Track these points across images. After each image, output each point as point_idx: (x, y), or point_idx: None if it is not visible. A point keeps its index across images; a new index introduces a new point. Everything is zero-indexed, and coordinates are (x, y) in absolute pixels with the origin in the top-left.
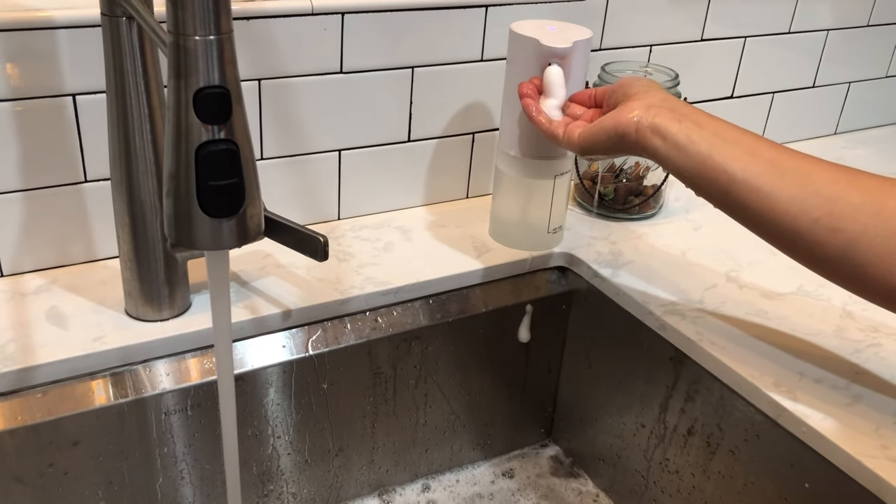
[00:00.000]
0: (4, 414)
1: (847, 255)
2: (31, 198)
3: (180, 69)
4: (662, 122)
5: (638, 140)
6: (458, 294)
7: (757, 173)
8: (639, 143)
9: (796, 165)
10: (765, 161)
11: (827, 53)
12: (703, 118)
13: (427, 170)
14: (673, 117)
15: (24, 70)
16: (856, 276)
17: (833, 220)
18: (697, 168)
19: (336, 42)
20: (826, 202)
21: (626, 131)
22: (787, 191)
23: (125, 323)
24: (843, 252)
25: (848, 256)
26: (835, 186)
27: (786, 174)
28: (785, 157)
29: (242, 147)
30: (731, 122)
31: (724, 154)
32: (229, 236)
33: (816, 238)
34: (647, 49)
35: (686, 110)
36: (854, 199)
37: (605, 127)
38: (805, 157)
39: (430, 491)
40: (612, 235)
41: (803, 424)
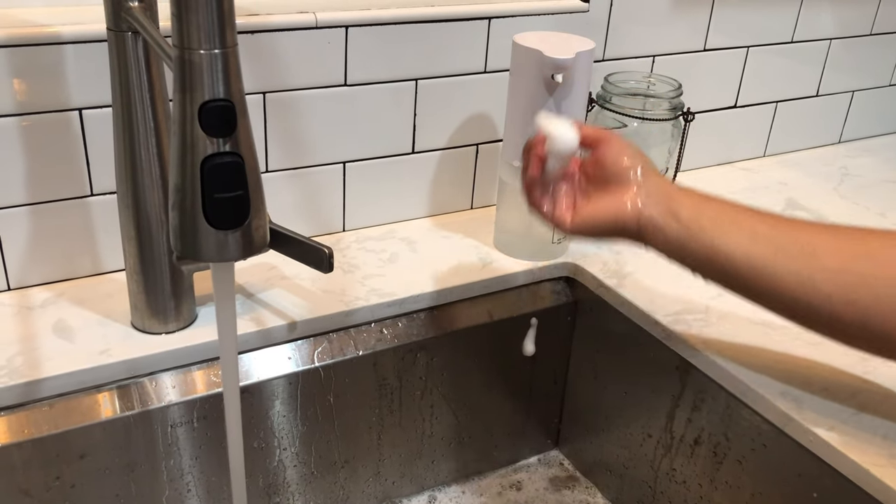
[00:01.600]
0: (11, 427)
1: (865, 325)
2: (38, 212)
3: (185, 83)
4: (662, 219)
5: (639, 234)
6: (463, 305)
7: (761, 257)
8: (640, 237)
9: (798, 241)
10: (766, 242)
11: (830, 62)
12: (699, 202)
13: (431, 181)
14: (671, 210)
15: (30, 85)
16: (877, 342)
17: (845, 293)
18: (701, 260)
19: (340, 55)
20: (835, 276)
21: (626, 226)
22: (793, 272)
23: (131, 336)
24: (860, 322)
25: (866, 326)
26: (840, 257)
27: (789, 254)
28: (786, 234)
29: (248, 159)
30: (725, 199)
31: (726, 240)
32: (235, 248)
33: (832, 312)
34: (650, 59)
35: (681, 196)
36: (862, 268)
37: (602, 219)
38: (806, 226)
39: (436, 502)
40: (616, 246)
41: (811, 433)
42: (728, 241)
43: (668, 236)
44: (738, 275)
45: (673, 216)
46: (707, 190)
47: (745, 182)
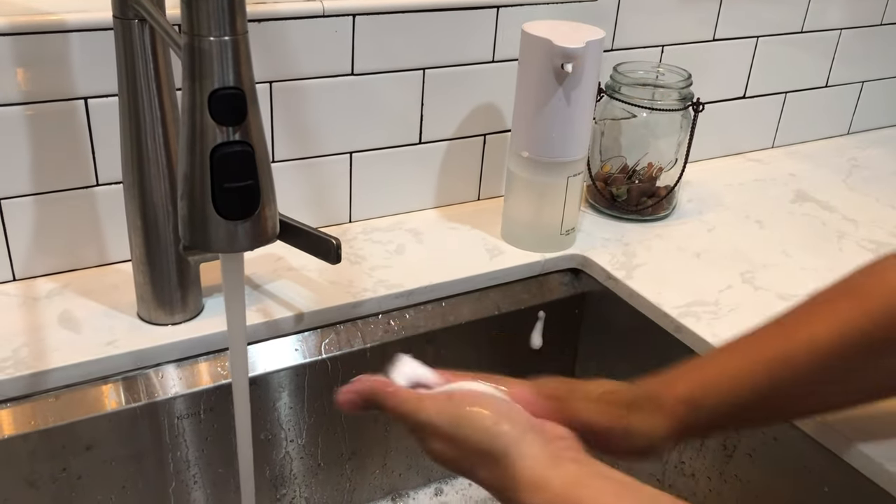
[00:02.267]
0: (18, 418)
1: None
2: (43, 202)
3: (195, 70)
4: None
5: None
6: (470, 297)
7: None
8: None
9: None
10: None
11: (840, 53)
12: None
13: (438, 172)
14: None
15: (36, 74)
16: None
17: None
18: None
19: (347, 44)
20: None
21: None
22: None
23: (137, 327)
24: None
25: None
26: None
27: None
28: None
29: (257, 148)
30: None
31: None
32: (244, 238)
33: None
34: (658, 49)
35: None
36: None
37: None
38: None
39: (442, 495)
40: (625, 237)
41: (822, 427)
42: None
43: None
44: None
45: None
46: (715, 183)
47: (753, 174)
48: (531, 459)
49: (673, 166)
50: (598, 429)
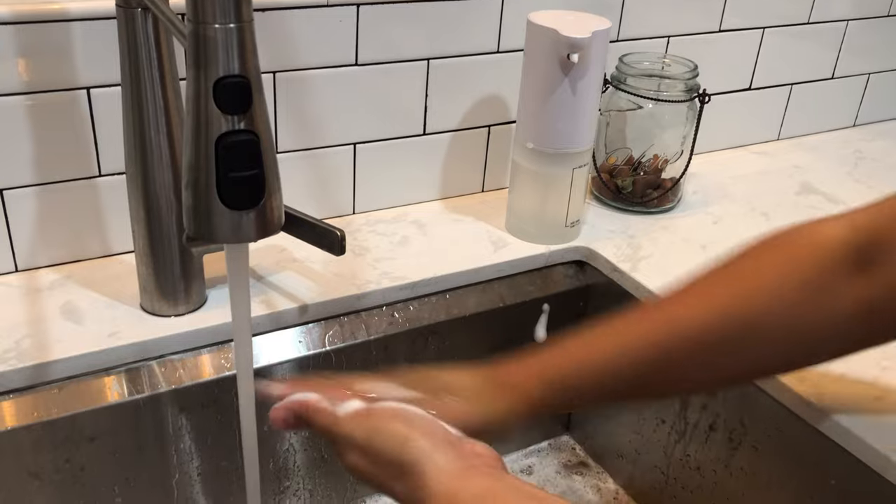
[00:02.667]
0: (21, 410)
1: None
2: (46, 192)
3: (200, 58)
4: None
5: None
6: (474, 289)
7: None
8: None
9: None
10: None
11: (846, 44)
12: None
13: (442, 163)
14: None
15: (38, 63)
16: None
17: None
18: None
19: (351, 34)
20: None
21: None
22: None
23: (140, 318)
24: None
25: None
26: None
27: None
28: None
29: (263, 138)
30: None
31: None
32: (250, 229)
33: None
34: (664, 40)
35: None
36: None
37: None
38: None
39: None
40: (630, 229)
41: (829, 419)
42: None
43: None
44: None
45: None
46: (721, 174)
47: (759, 166)
48: (443, 472)
49: (678, 158)
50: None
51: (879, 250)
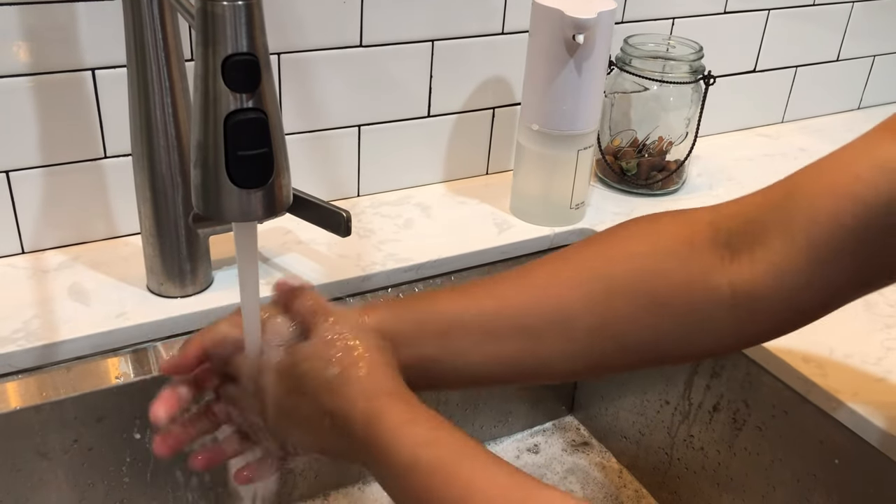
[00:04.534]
0: (29, 390)
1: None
2: (51, 174)
3: (208, 36)
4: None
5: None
6: (479, 271)
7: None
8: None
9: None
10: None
11: (851, 26)
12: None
13: (447, 145)
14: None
15: (42, 45)
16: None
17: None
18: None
19: (356, 15)
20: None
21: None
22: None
23: (147, 299)
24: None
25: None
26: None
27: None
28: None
29: (271, 116)
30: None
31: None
32: (258, 207)
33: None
34: (669, 22)
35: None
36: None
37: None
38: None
39: None
40: (634, 211)
41: (833, 400)
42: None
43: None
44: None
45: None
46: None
47: (764, 148)
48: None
49: (683, 140)
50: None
51: (751, 238)
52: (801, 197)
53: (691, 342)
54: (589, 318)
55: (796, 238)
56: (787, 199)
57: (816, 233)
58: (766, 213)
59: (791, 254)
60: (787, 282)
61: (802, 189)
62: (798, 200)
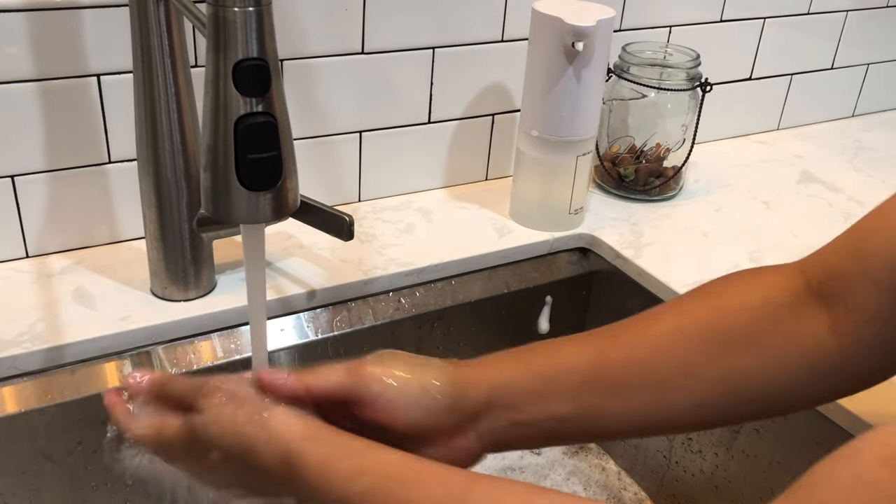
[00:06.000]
0: (34, 392)
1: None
2: (56, 179)
3: (219, 41)
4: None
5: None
6: (480, 275)
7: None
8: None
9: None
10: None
11: (846, 35)
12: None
13: (447, 151)
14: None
15: (49, 50)
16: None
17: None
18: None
19: (358, 22)
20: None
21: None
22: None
23: (151, 303)
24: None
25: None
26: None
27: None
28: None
29: (281, 120)
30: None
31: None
32: (267, 209)
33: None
34: (666, 30)
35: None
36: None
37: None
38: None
39: None
40: (633, 217)
41: (830, 402)
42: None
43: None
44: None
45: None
46: (722, 163)
47: (760, 155)
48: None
49: (680, 147)
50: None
51: (839, 287)
52: (873, 240)
53: (798, 395)
54: (712, 370)
55: (880, 284)
56: (860, 244)
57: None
58: (843, 261)
59: (879, 300)
60: (884, 328)
61: (872, 232)
62: (871, 244)
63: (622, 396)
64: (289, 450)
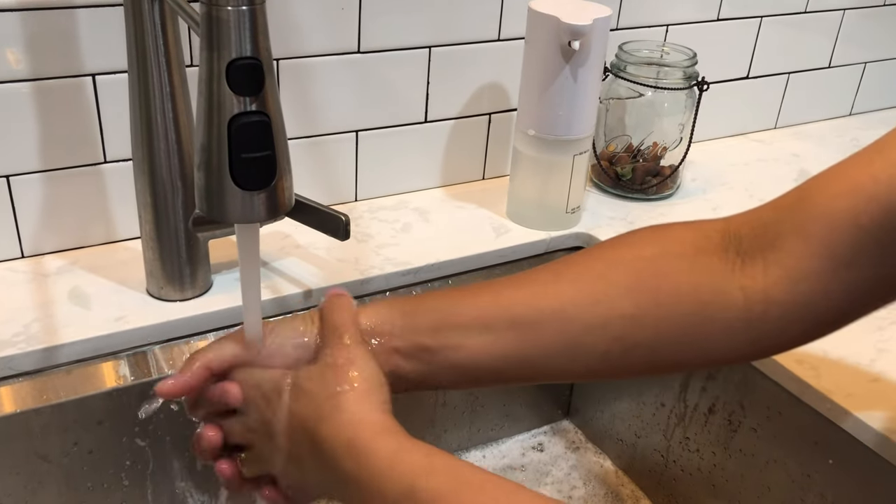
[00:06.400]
0: (30, 393)
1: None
2: (51, 178)
3: (213, 40)
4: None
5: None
6: (477, 275)
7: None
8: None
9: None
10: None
11: (843, 33)
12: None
13: (444, 151)
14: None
15: (43, 50)
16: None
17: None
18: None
19: (354, 21)
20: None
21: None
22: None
23: (147, 303)
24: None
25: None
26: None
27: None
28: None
29: (275, 119)
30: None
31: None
32: (261, 209)
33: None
34: (663, 29)
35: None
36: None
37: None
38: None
39: None
40: (630, 216)
41: (827, 401)
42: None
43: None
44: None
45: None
46: (719, 162)
47: (757, 153)
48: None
49: (677, 145)
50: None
51: (764, 242)
52: (816, 199)
53: (702, 349)
54: (587, 314)
55: (811, 240)
56: (802, 201)
57: (833, 235)
58: (779, 216)
59: (806, 257)
60: (803, 287)
61: (817, 191)
62: (813, 202)
63: (488, 333)
64: (359, 437)
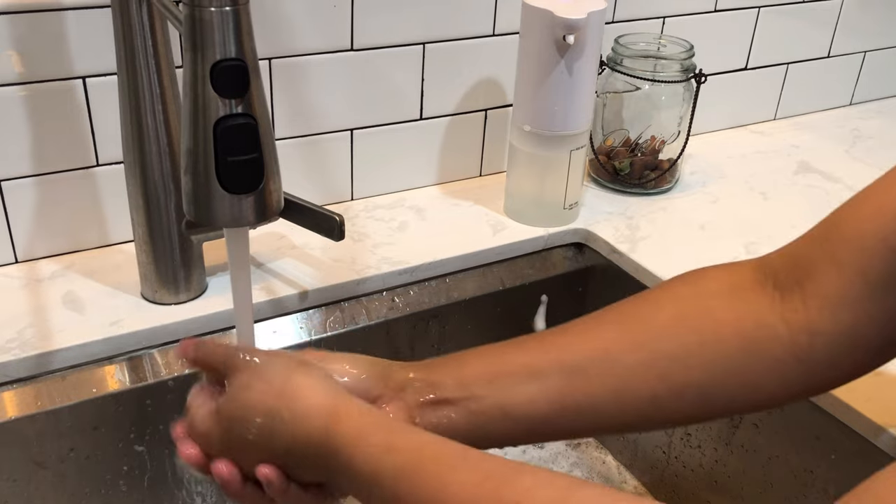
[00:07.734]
0: (25, 399)
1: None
2: (43, 183)
3: (196, 42)
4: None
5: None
6: (474, 272)
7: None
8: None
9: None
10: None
11: (842, 23)
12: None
13: (440, 148)
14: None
15: (33, 53)
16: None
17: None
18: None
19: (347, 18)
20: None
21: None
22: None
23: (142, 306)
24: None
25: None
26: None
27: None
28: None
29: (261, 121)
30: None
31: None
32: (249, 213)
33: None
34: (660, 21)
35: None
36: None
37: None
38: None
39: None
40: (628, 210)
41: (829, 395)
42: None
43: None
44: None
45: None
46: (718, 155)
47: (757, 145)
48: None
49: (675, 139)
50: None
51: (800, 274)
52: (844, 225)
53: (755, 388)
54: (631, 356)
55: (844, 267)
56: (832, 229)
57: (864, 259)
58: (811, 246)
59: (842, 284)
60: (845, 316)
61: (846, 217)
62: (842, 229)
63: (537, 380)
64: (325, 425)
